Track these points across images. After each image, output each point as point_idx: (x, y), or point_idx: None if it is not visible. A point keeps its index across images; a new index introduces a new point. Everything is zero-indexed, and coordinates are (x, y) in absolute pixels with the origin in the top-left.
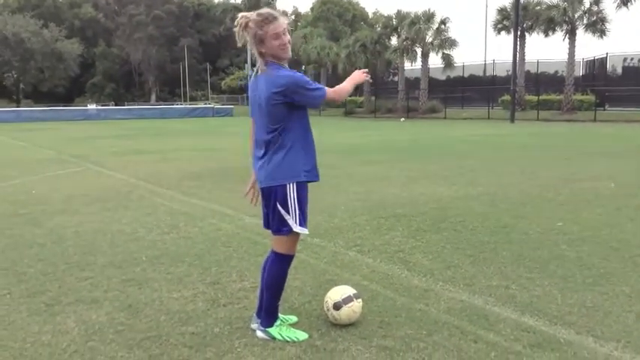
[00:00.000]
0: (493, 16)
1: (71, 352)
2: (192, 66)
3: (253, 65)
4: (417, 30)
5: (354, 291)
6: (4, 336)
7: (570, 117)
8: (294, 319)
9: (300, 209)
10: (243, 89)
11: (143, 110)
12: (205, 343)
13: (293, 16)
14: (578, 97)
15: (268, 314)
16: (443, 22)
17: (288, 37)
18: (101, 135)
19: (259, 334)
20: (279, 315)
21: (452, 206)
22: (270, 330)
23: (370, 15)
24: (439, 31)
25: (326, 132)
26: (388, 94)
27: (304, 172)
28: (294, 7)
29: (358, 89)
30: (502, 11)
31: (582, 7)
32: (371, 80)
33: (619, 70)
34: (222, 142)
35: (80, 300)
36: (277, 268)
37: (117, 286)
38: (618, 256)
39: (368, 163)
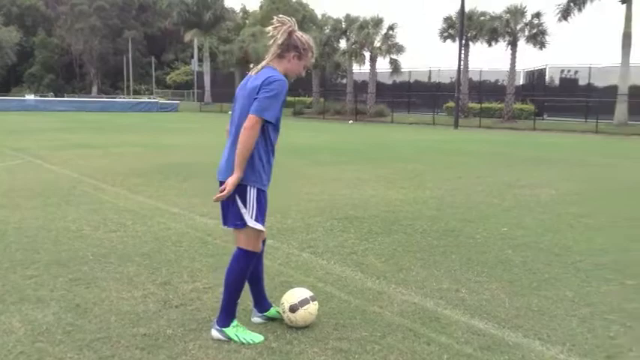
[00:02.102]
0: (439, 24)
1: (17, 353)
2: (136, 59)
3: (200, 61)
4: (366, 34)
5: (311, 293)
6: None
7: (511, 125)
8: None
9: (258, 208)
10: (189, 85)
11: (84, 103)
12: (158, 345)
13: (241, 13)
14: (519, 106)
15: (226, 313)
16: (391, 27)
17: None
18: (41, 127)
19: (214, 333)
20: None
21: (402, 209)
22: (227, 330)
23: (319, 17)
24: (387, 37)
25: None
26: (337, 96)
27: (265, 183)
28: (242, 4)
29: (307, 90)
30: (448, 20)
31: (524, 20)
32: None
33: (557, 82)
34: (169, 138)
35: (25, 299)
36: (239, 264)
37: (63, 286)
38: (561, 261)
39: (319, 164)
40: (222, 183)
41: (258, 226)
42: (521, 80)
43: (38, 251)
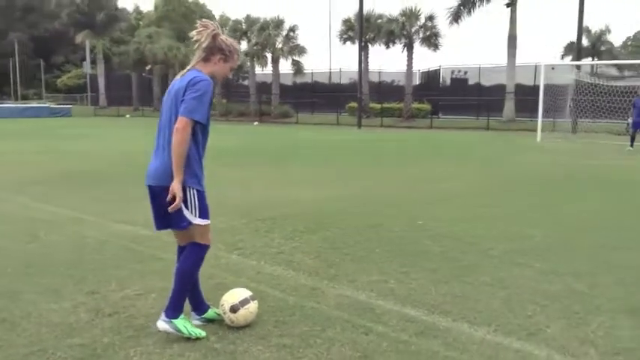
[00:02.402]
0: (339, 26)
1: None
2: (23, 62)
3: (93, 63)
4: (267, 36)
5: (250, 293)
6: None
7: (410, 124)
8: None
9: (200, 207)
10: (82, 88)
11: None
12: (97, 354)
13: (134, 14)
14: (416, 105)
15: (175, 305)
16: (292, 29)
17: None
18: None
19: (161, 324)
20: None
21: (322, 208)
22: (176, 321)
23: (217, 18)
24: (288, 38)
25: None
26: (240, 98)
27: (202, 183)
28: (135, 4)
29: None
30: (347, 22)
31: (418, 23)
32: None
33: (449, 82)
34: (66, 144)
35: None
36: (192, 257)
37: None
38: (475, 249)
39: (231, 166)
40: (151, 188)
41: (205, 222)
42: (417, 80)
43: None
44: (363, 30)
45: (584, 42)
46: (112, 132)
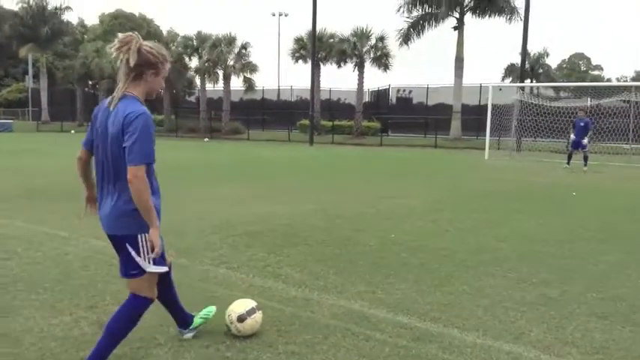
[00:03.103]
0: (290, 45)
1: None
2: None
3: (35, 77)
4: (219, 52)
5: (255, 303)
6: None
7: (360, 141)
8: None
9: (153, 251)
10: (23, 102)
11: None
12: None
13: (78, 28)
14: (366, 123)
15: None
16: (244, 46)
17: None
18: None
19: None
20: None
21: (292, 223)
22: None
23: (165, 33)
24: (240, 55)
25: None
26: (189, 114)
27: (158, 216)
28: (79, 18)
29: (158, 108)
30: (299, 41)
31: (369, 43)
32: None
33: (396, 101)
34: (14, 160)
35: None
36: (131, 312)
37: None
38: (450, 261)
39: (193, 182)
40: (109, 235)
41: (160, 269)
42: (366, 99)
43: None
44: (315, 49)
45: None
46: (59, 148)
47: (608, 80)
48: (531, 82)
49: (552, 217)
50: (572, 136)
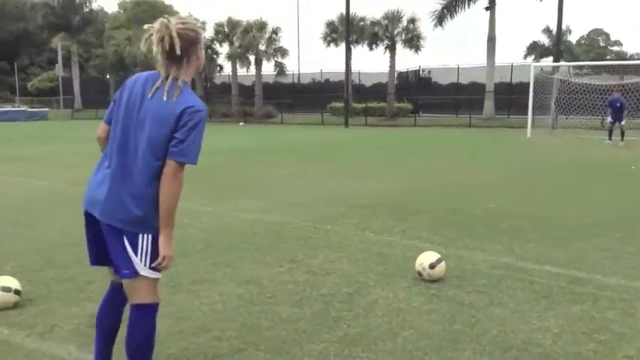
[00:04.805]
0: (322, 29)
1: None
2: None
3: (65, 66)
4: (251, 38)
5: (439, 254)
6: None
7: (394, 122)
8: None
9: (151, 253)
10: (54, 91)
11: None
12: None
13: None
14: (396, 104)
15: None
16: (274, 31)
17: None
18: None
19: None
20: None
21: (393, 197)
22: None
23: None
24: (271, 40)
25: None
26: (220, 99)
27: (157, 224)
28: (98, 6)
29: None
30: (330, 24)
31: (401, 25)
32: None
33: (430, 81)
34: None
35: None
36: (147, 323)
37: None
38: (559, 225)
39: (270, 164)
40: (90, 216)
41: (155, 275)
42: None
43: None
44: (349, 32)
45: (545, 41)
46: None
47: (632, 57)
48: (554, 59)
49: (625, 186)
50: (609, 118)
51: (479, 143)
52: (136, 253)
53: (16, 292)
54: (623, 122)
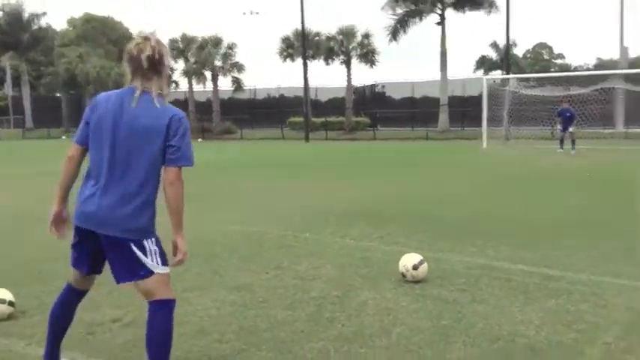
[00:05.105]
0: (278, 44)
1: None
2: None
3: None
4: (207, 54)
5: (421, 256)
6: None
7: (353, 136)
8: None
9: (160, 251)
10: (3, 111)
11: None
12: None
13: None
14: (354, 118)
15: None
16: (230, 47)
17: None
18: None
19: None
20: None
21: (370, 206)
22: None
23: (134, 35)
24: (227, 56)
25: None
26: None
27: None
28: (46, 23)
29: None
30: (286, 40)
31: (355, 40)
32: None
33: (386, 95)
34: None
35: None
36: (168, 318)
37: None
38: (529, 227)
39: (237, 177)
40: (83, 231)
41: (167, 270)
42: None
43: None
44: (305, 48)
45: (494, 55)
46: (57, 154)
47: (576, 69)
48: (502, 72)
49: (583, 191)
50: (559, 127)
51: (438, 154)
52: (146, 255)
53: (11, 303)
54: (571, 129)
